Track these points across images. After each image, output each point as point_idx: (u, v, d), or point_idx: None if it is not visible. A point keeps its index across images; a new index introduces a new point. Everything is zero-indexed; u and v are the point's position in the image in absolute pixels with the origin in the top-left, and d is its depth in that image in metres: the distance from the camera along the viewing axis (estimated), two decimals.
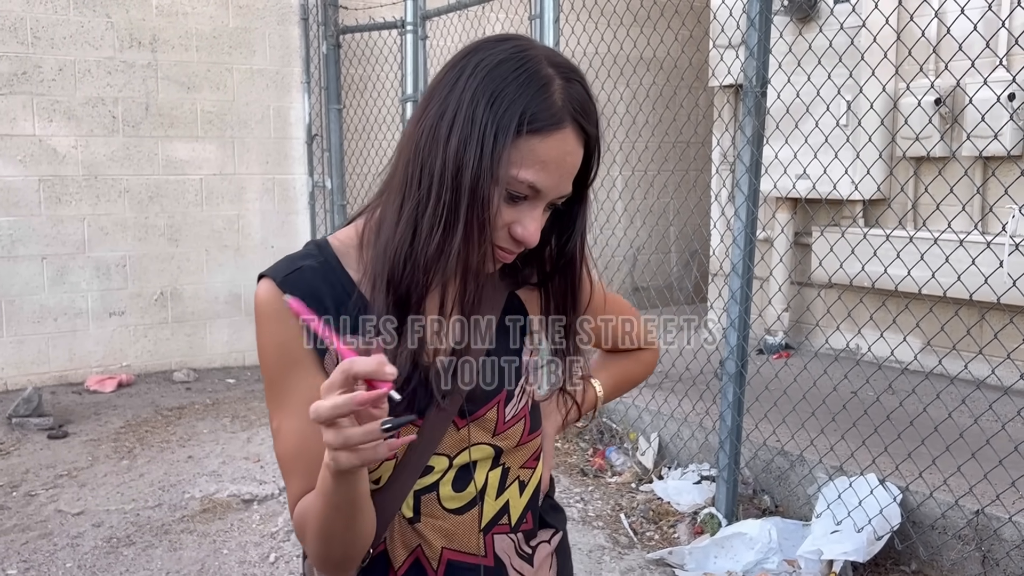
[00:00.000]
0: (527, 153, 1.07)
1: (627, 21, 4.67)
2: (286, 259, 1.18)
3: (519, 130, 1.06)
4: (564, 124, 1.08)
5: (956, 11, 3.16)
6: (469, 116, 1.06)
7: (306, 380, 1.11)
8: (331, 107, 6.31)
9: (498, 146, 1.05)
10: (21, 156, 5.55)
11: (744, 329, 3.42)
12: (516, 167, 1.06)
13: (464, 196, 1.06)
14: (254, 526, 3.68)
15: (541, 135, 1.07)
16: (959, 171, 4.25)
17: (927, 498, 3.12)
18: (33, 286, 5.67)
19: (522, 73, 1.07)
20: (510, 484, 1.25)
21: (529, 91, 1.07)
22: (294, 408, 1.12)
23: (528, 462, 1.27)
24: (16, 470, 4.26)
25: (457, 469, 1.20)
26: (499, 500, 1.24)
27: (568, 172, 1.11)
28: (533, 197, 1.09)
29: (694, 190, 6.59)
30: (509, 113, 1.06)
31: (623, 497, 3.91)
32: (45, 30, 5.56)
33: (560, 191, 1.11)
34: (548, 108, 1.07)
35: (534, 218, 1.10)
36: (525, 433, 1.24)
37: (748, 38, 3.28)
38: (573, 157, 1.10)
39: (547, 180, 1.08)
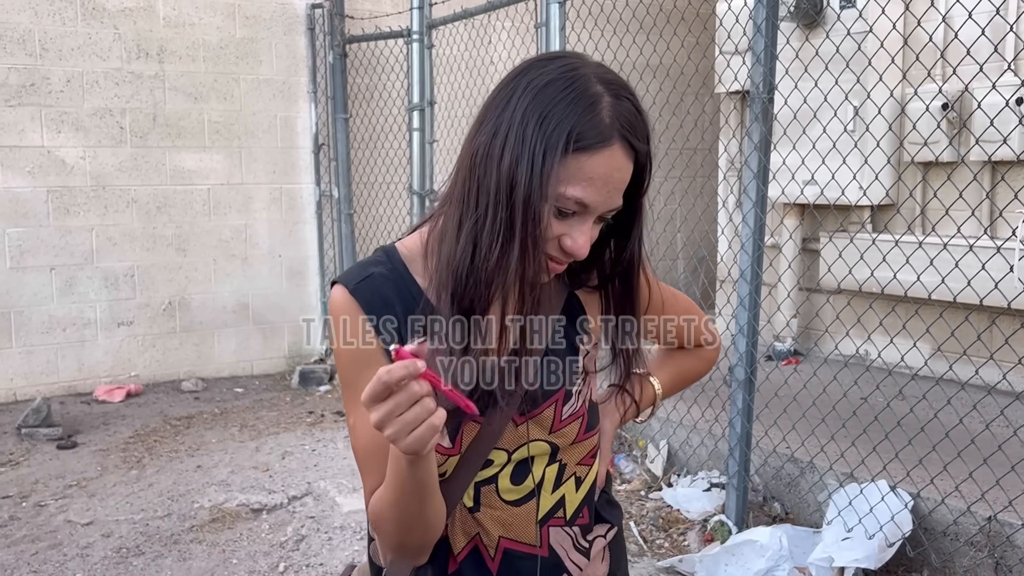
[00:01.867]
0: (575, 171, 1.11)
1: (633, 28, 4.67)
2: (358, 265, 1.24)
3: (567, 148, 1.09)
4: (611, 141, 1.11)
5: (963, 15, 3.15)
6: (520, 135, 1.11)
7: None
8: (338, 116, 6.33)
9: (547, 165, 1.10)
10: (30, 167, 5.58)
11: (753, 335, 3.41)
12: (564, 184, 1.11)
13: (518, 213, 1.11)
14: (263, 535, 3.67)
15: (588, 152, 1.10)
16: (968, 176, 4.24)
17: (938, 504, 3.10)
18: (42, 296, 5.68)
19: (570, 92, 1.11)
20: (567, 479, 1.30)
21: (577, 109, 1.11)
22: None
23: (585, 459, 1.31)
24: (26, 480, 4.27)
25: (515, 464, 1.25)
26: (555, 494, 1.29)
27: (616, 187, 1.14)
28: (582, 212, 1.13)
29: (701, 197, 6.58)
30: (557, 132, 1.10)
31: (633, 505, 3.90)
32: (53, 42, 5.58)
33: (609, 205, 1.15)
34: (596, 126, 1.11)
35: (583, 232, 1.15)
36: (581, 431, 1.28)
37: (755, 44, 3.28)
38: (621, 173, 1.14)
39: (594, 196, 1.12)
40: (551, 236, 1.14)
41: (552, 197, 1.11)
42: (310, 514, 3.87)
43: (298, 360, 6.41)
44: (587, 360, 1.31)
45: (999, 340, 4.10)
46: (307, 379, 6.04)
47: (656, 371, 1.52)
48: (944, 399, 3.43)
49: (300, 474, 4.31)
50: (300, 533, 3.69)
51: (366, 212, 6.56)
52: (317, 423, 5.19)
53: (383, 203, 6.49)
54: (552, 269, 1.19)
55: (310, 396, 5.83)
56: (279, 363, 6.46)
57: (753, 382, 3.44)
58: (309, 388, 5.98)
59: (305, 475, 4.29)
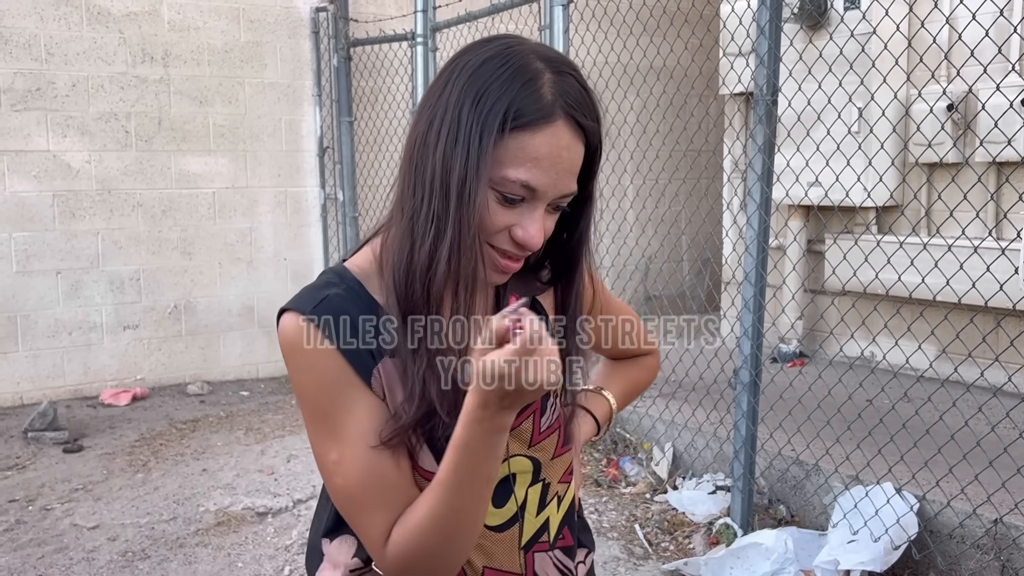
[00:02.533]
0: (516, 151, 1.03)
1: (636, 30, 4.67)
2: (308, 291, 1.12)
3: (503, 127, 1.02)
4: (554, 118, 1.03)
5: (967, 17, 3.15)
6: (455, 118, 1.04)
7: (361, 403, 1.07)
8: (342, 119, 6.34)
9: (484, 146, 1.02)
10: (35, 171, 5.59)
11: (758, 338, 3.41)
12: (506, 167, 1.03)
13: (452, 200, 1.03)
14: (268, 539, 3.68)
15: (530, 131, 1.03)
16: (972, 177, 4.23)
17: (944, 507, 3.09)
18: (48, 300, 5.70)
19: (507, 69, 1.04)
20: (550, 500, 1.22)
21: (515, 86, 1.03)
22: (355, 433, 1.06)
23: (564, 476, 1.25)
24: (32, 484, 4.28)
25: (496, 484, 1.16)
26: (540, 517, 1.21)
27: (566, 169, 1.06)
28: (531, 198, 1.05)
29: (705, 199, 6.58)
30: (494, 111, 1.02)
31: (637, 508, 3.90)
32: (59, 46, 5.60)
33: (560, 190, 1.06)
34: (536, 102, 1.03)
35: (534, 220, 1.06)
36: (559, 446, 1.22)
37: (758, 46, 3.28)
38: (570, 152, 1.05)
39: (541, 178, 1.04)
40: (499, 227, 1.06)
41: (494, 181, 1.03)
42: None
43: None
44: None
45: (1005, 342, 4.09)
46: None
47: (606, 385, 1.46)
48: (950, 401, 3.43)
49: (305, 477, 4.31)
50: (305, 537, 3.69)
51: (371, 215, 6.56)
52: None
53: (388, 206, 6.49)
54: (506, 267, 1.09)
55: None
56: (284, 366, 6.45)
57: (758, 384, 3.44)
58: None
59: (310, 478, 4.29)
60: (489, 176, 1.03)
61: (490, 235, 1.06)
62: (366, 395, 1.07)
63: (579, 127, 1.06)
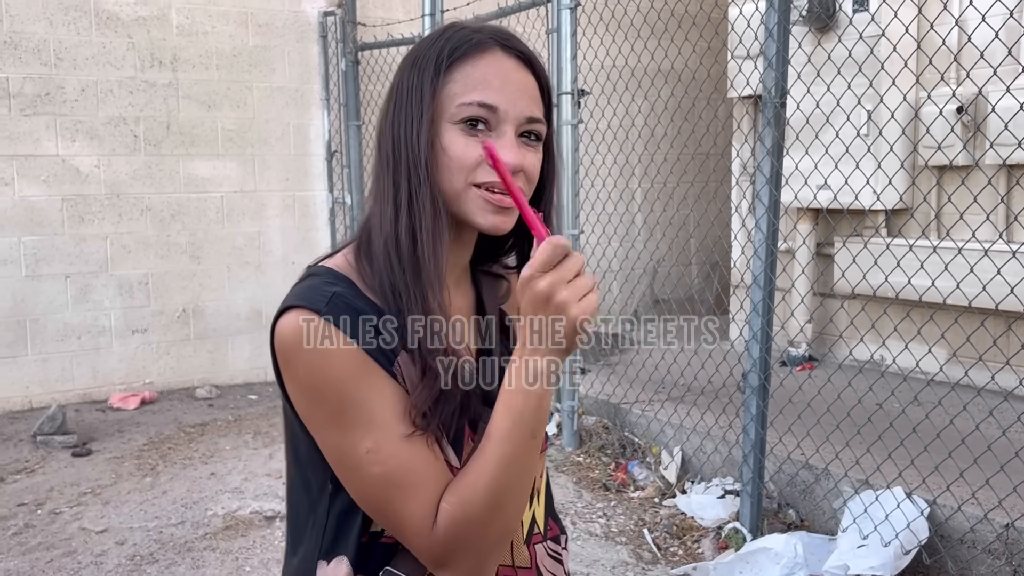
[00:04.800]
0: (462, 80, 1.07)
1: (644, 34, 4.66)
2: (310, 289, 1.09)
3: (440, 69, 1.07)
4: (489, 45, 1.09)
5: (977, 19, 3.14)
6: (398, 90, 1.10)
7: (387, 389, 1.04)
8: (350, 123, 6.34)
9: (425, 95, 1.06)
10: (45, 176, 5.61)
11: (766, 341, 3.39)
12: (458, 96, 1.06)
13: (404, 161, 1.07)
14: (276, 543, 3.68)
15: (469, 60, 1.08)
16: (983, 180, 4.21)
17: (955, 512, 3.07)
18: (57, 304, 5.71)
19: (440, 34, 1.11)
20: (535, 495, 1.24)
21: (443, 38, 1.09)
22: (388, 418, 1.04)
23: (540, 471, 1.27)
24: (41, 488, 4.28)
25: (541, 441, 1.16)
26: (529, 511, 1.23)
27: (520, 89, 1.08)
28: (495, 121, 1.06)
29: (714, 202, 6.56)
30: (428, 61, 1.08)
31: (646, 512, 3.88)
32: (68, 51, 5.62)
33: (522, 110, 1.07)
34: (466, 39, 1.09)
35: (506, 143, 1.06)
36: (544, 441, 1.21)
37: (766, 49, 3.27)
38: (519, 75, 1.09)
39: (496, 95, 1.06)
40: (474, 158, 1.05)
41: (452, 116, 1.06)
42: None
43: None
44: None
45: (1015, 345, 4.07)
46: None
47: None
48: (960, 405, 3.40)
49: None
50: None
51: None
52: None
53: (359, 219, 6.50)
54: (499, 202, 1.07)
55: None
56: None
57: (767, 388, 3.43)
58: None
59: None
60: (446, 116, 1.06)
61: (471, 171, 1.06)
62: (391, 383, 1.05)
63: (518, 53, 1.10)
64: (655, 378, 4.74)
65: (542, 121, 1.11)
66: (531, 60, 1.11)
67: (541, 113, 1.11)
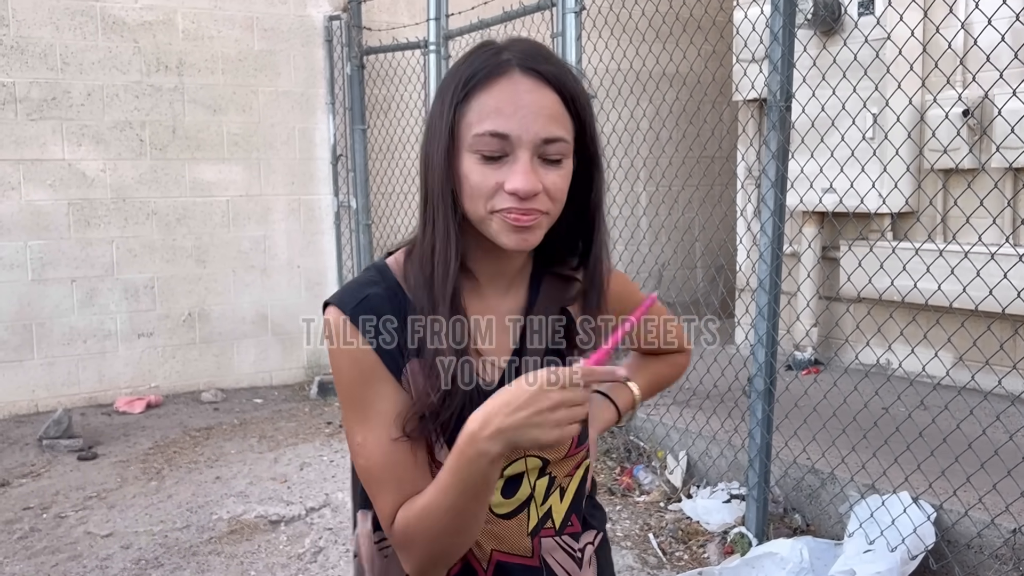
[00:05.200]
0: (478, 110, 1.10)
1: (649, 37, 4.66)
2: (352, 286, 1.21)
3: (461, 97, 1.11)
4: (505, 69, 1.11)
5: (983, 21, 3.13)
6: (431, 114, 1.16)
7: (389, 395, 1.17)
8: (355, 127, 6.35)
9: (444, 126, 1.12)
10: (51, 180, 5.62)
11: (772, 345, 3.39)
12: (473, 126, 1.10)
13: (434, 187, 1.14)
14: (281, 547, 3.68)
15: (485, 87, 1.10)
16: (989, 183, 4.20)
17: (962, 516, 3.06)
18: (63, 308, 5.72)
19: (466, 58, 1.15)
20: (553, 491, 1.29)
21: (467, 64, 1.13)
22: (379, 422, 1.16)
23: (571, 471, 1.30)
24: (46, 492, 4.29)
25: (508, 478, 1.24)
26: (544, 506, 1.28)
27: (533, 111, 1.10)
28: (509, 148, 1.10)
29: (719, 205, 6.56)
30: (449, 92, 1.12)
31: (651, 516, 3.87)
32: (74, 56, 5.63)
33: (536, 132, 1.10)
34: (485, 63, 1.12)
35: (519, 169, 1.09)
36: (573, 445, 1.27)
37: (772, 52, 3.27)
38: (533, 95, 1.10)
39: (507, 123, 1.09)
40: (491, 186, 1.10)
41: (469, 146, 1.11)
42: (328, 526, 3.87)
43: (317, 371, 6.42)
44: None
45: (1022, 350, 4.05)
46: (325, 389, 6.05)
47: (633, 376, 1.51)
48: (967, 409, 3.39)
49: (318, 485, 4.31)
50: (318, 545, 3.69)
51: (384, 222, 6.57)
52: (335, 434, 5.19)
53: (401, 213, 6.51)
54: (516, 221, 1.11)
55: (328, 406, 5.83)
56: (298, 373, 6.48)
57: (773, 392, 3.42)
58: (327, 399, 5.99)
59: (323, 486, 4.29)
60: (465, 145, 1.11)
61: (488, 199, 1.11)
62: (395, 389, 1.17)
63: (536, 73, 1.11)
64: None
65: (563, 140, 1.12)
66: (551, 78, 1.12)
67: (564, 129, 1.12)
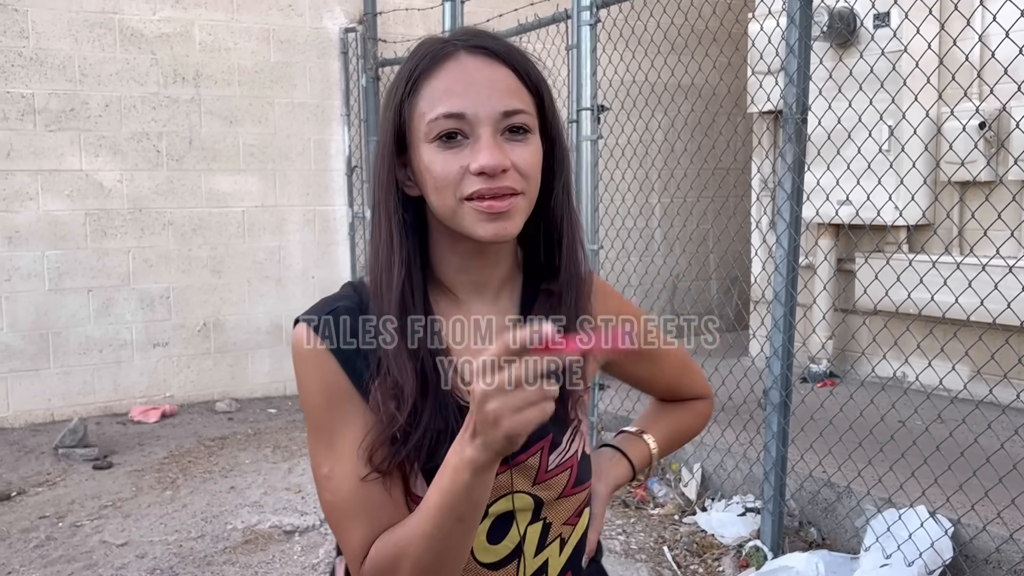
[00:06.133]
0: (427, 97, 1.04)
1: (664, 49, 4.67)
2: (322, 302, 1.14)
3: (409, 91, 1.05)
4: (450, 51, 1.04)
5: (1000, 34, 3.12)
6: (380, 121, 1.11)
7: (356, 421, 1.06)
8: (370, 139, 6.37)
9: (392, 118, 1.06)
10: (68, 191, 5.67)
11: (788, 358, 3.37)
12: (426, 114, 1.03)
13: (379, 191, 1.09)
14: (295, 558, 3.68)
15: (431, 74, 1.04)
16: (1007, 196, 4.18)
17: (980, 531, 3.04)
18: (79, 318, 5.76)
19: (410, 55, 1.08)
20: (551, 541, 1.15)
21: (411, 59, 1.07)
22: (347, 451, 1.06)
23: (571, 518, 1.17)
24: (62, 501, 4.31)
25: (494, 518, 1.11)
26: (538, 558, 1.15)
27: (486, 86, 1.03)
28: (468, 128, 1.02)
29: (734, 217, 6.55)
30: (399, 86, 1.07)
31: (666, 529, 3.86)
32: (92, 68, 5.68)
33: (494, 106, 1.02)
34: (429, 52, 1.06)
35: (483, 145, 1.01)
36: (569, 485, 1.14)
37: (787, 65, 3.26)
38: (484, 71, 1.03)
39: (461, 101, 1.02)
40: (456, 171, 1.02)
41: (426, 136, 1.03)
42: None
43: None
44: (579, 404, 1.15)
45: None
46: None
47: (650, 427, 1.37)
48: (984, 423, 3.37)
49: None
50: (332, 555, 3.68)
51: None
52: None
53: None
54: (490, 208, 1.01)
55: None
56: None
57: (788, 405, 3.40)
58: None
59: None
60: (421, 137, 1.04)
61: (456, 186, 1.03)
62: (362, 411, 1.06)
63: (484, 50, 1.05)
64: None
65: (523, 111, 1.04)
66: (500, 53, 1.05)
67: (524, 103, 1.05)
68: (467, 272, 1.13)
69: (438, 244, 1.12)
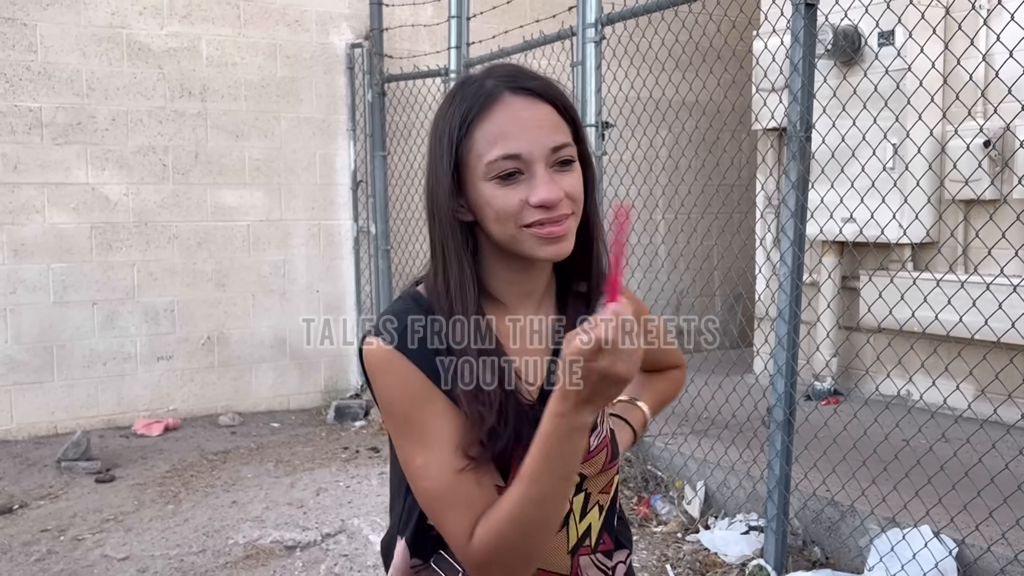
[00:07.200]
0: (482, 140, 1.16)
1: (669, 66, 4.68)
2: (391, 314, 1.24)
3: (461, 131, 1.17)
4: (498, 95, 1.17)
5: (1004, 53, 3.12)
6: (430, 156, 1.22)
7: (443, 414, 1.18)
8: (376, 154, 6.39)
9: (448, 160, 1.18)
10: (74, 204, 5.69)
11: (792, 376, 3.36)
12: (484, 156, 1.16)
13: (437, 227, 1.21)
14: (296, 573, 3.66)
15: (484, 117, 1.16)
16: (1011, 215, 4.17)
17: (984, 552, 3.02)
18: (84, 331, 5.76)
19: (453, 96, 1.21)
20: (591, 508, 1.32)
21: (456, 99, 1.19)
22: (438, 443, 1.17)
23: (605, 487, 1.33)
24: (64, 514, 4.30)
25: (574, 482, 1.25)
26: (583, 523, 1.31)
27: (536, 125, 1.16)
28: (524, 166, 1.16)
29: (738, 234, 6.55)
30: (448, 132, 1.18)
31: (669, 547, 3.84)
32: (100, 82, 5.71)
33: (545, 143, 1.16)
34: (477, 95, 1.18)
35: (540, 182, 1.15)
36: (607, 461, 1.31)
37: (791, 83, 3.27)
38: (532, 111, 1.17)
39: (516, 143, 1.15)
40: (516, 205, 1.15)
41: (485, 175, 1.15)
42: (343, 552, 3.86)
43: (334, 395, 6.43)
44: None
45: None
46: (343, 414, 6.05)
47: (640, 396, 1.55)
48: (989, 442, 3.35)
49: (334, 511, 4.30)
50: (333, 571, 3.68)
51: (403, 248, 6.60)
52: (352, 459, 5.19)
53: (420, 239, 6.53)
54: (550, 234, 1.17)
55: (345, 432, 5.83)
56: (315, 398, 6.49)
57: (792, 423, 3.39)
58: (344, 423, 5.99)
59: (339, 512, 4.28)
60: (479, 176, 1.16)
61: (517, 216, 1.16)
62: (446, 404, 1.18)
63: (526, 91, 1.18)
64: (678, 411, 4.71)
65: (569, 144, 1.18)
66: (541, 91, 1.19)
67: (566, 135, 1.19)
68: (517, 283, 1.27)
69: (489, 260, 1.25)
